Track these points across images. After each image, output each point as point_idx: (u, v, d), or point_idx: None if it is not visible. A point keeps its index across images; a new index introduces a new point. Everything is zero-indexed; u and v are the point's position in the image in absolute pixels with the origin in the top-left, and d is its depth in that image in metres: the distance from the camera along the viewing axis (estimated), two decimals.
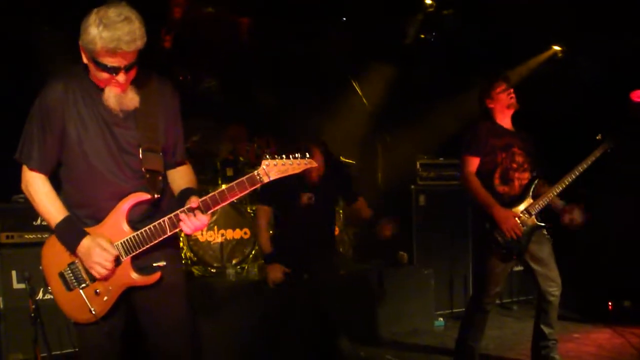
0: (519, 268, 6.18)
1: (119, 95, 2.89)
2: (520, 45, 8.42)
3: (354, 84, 8.51)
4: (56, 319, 5.12)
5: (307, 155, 3.04)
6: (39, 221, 5.31)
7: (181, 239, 6.43)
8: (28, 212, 5.23)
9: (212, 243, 6.73)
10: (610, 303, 7.50)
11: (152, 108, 3.06)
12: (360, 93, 8.43)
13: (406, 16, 8.48)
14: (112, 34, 2.69)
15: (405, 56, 8.77)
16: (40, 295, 5.14)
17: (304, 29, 8.04)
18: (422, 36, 8.72)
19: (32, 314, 4.95)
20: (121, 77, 2.83)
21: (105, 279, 2.95)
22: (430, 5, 8.32)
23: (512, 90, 5.20)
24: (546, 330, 5.24)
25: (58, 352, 5.10)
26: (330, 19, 8.25)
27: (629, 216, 7.74)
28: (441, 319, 7.14)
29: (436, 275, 7.17)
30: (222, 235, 6.79)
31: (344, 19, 8.27)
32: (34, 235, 5.26)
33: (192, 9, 7.76)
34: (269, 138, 8.10)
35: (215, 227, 6.74)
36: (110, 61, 2.77)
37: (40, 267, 3.05)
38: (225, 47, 8.11)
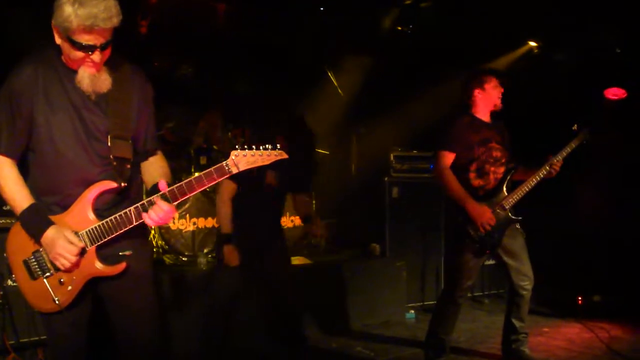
0: (491, 262, 6.19)
1: (92, 76, 2.83)
2: (497, 40, 8.44)
3: (330, 74, 8.48)
4: (25, 305, 5.11)
5: (278, 147, 2.95)
6: (7, 206, 5.20)
7: (153, 227, 6.39)
8: None
9: (183, 231, 6.69)
10: (579, 297, 7.56)
11: (124, 95, 3.00)
12: (335, 83, 8.41)
13: (383, 8, 8.46)
14: (88, 11, 2.63)
15: (381, 47, 8.75)
16: (8, 282, 5.06)
17: (281, 17, 7.98)
18: (399, 28, 8.71)
19: (0, 301, 4.91)
20: (96, 56, 2.77)
21: (69, 269, 2.88)
22: None
23: (502, 90, 5.20)
24: (517, 323, 5.26)
25: (26, 340, 5.05)
26: (307, 8, 8.19)
27: (599, 210, 7.82)
28: (412, 311, 7.17)
29: (408, 267, 7.19)
30: (194, 223, 6.75)
31: (322, 8, 8.22)
32: (2, 221, 5.13)
33: None
34: (244, 128, 8.06)
35: (187, 215, 6.70)
36: (86, 39, 2.70)
37: (5, 255, 2.99)
38: (201, 33, 8.03)
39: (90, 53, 2.75)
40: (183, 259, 6.63)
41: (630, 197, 7.66)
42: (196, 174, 2.93)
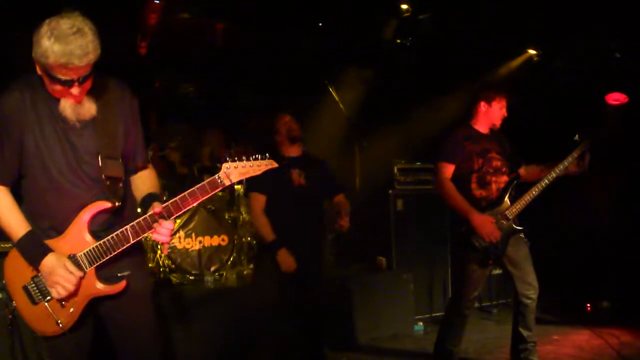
0: (498, 271, 6.20)
1: (74, 106, 2.83)
2: (497, 50, 8.45)
3: (331, 89, 8.48)
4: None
5: (267, 156, 3.06)
6: None
7: (159, 246, 6.40)
8: None
9: (189, 250, 6.68)
10: (588, 304, 7.55)
11: (110, 114, 2.99)
12: (337, 98, 8.40)
13: (382, 21, 8.48)
14: (63, 48, 2.62)
15: (381, 61, 8.77)
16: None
17: (280, 35, 8.01)
18: (399, 41, 8.73)
19: (9, 324, 4.92)
20: (75, 90, 2.76)
21: (62, 297, 2.87)
22: (407, 10, 8.32)
23: (505, 114, 5.22)
24: (525, 333, 5.25)
25: None
26: (306, 25, 8.22)
27: (606, 216, 7.80)
28: (421, 323, 7.15)
29: (415, 279, 7.17)
30: (200, 242, 6.74)
31: (320, 24, 8.25)
32: (9, 245, 5.11)
33: (167, 15, 7.71)
34: (246, 145, 8.08)
35: (193, 234, 6.70)
36: (63, 74, 2.69)
37: (3, 282, 2.97)
38: (201, 52, 8.07)
39: (68, 87, 2.74)
40: (190, 277, 6.62)
41: (638, 202, 7.64)
42: (190, 190, 2.95)
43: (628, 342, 6.20)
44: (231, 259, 6.85)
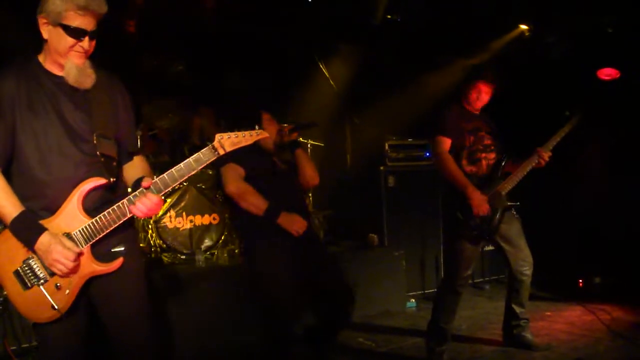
0: (491, 248, 6.19)
1: (79, 68, 2.91)
2: (488, 25, 8.40)
3: (321, 65, 8.44)
4: None
5: (257, 127, 3.15)
6: None
7: (150, 226, 6.38)
8: None
9: (180, 229, 6.64)
10: (580, 280, 7.57)
11: (105, 97, 3.07)
12: (327, 75, 8.36)
13: None
14: None
15: (372, 37, 8.72)
16: None
17: (270, 10, 7.93)
18: (389, 17, 8.67)
19: (0, 307, 4.90)
20: (85, 43, 2.88)
21: (66, 274, 2.86)
22: None
23: (491, 95, 5.21)
24: (517, 309, 5.28)
25: (27, 345, 5.04)
26: (296, 0, 8.15)
27: (598, 192, 7.81)
28: (413, 300, 7.18)
29: (407, 256, 7.19)
30: (191, 221, 6.71)
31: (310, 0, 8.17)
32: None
33: None
34: (236, 122, 8.01)
35: (184, 213, 6.66)
36: (78, 22, 2.81)
37: None
38: (190, 30, 7.99)
39: (80, 39, 2.85)
40: (181, 257, 6.60)
41: (630, 179, 7.64)
42: (185, 160, 2.95)
43: (619, 318, 6.23)
44: (222, 237, 6.82)
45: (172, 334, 5.37)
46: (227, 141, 2.99)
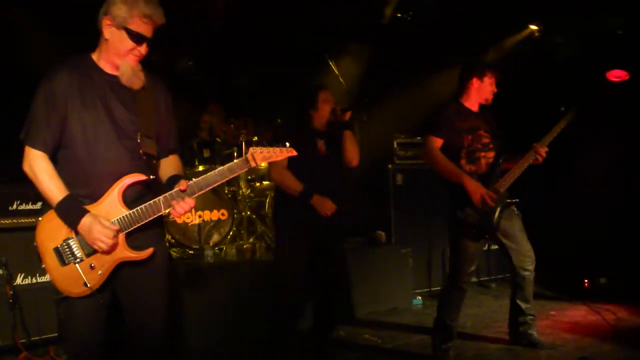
0: (496, 247, 6.21)
1: (133, 69, 3.19)
2: (498, 25, 8.42)
3: (331, 63, 8.46)
4: (34, 304, 5.16)
5: (287, 145, 3.40)
6: (14, 206, 5.20)
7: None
8: (4, 197, 5.17)
9: (189, 225, 6.71)
10: (586, 280, 7.58)
11: (150, 98, 3.32)
12: (337, 72, 8.38)
13: None
14: (149, 3, 3.10)
15: (382, 35, 8.74)
16: (18, 280, 5.11)
17: (280, 7, 7.96)
18: (399, 15, 8.69)
19: (10, 300, 4.97)
20: (143, 48, 3.18)
21: (104, 252, 3.07)
22: None
23: (495, 90, 5.22)
24: (523, 305, 5.30)
25: (37, 338, 5.11)
26: None
27: (604, 192, 7.82)
28: (419, 297, 7.21)
29: (414, 254, 7.22)
30: (200, 216, 6.77)
31: None
32: (9, 221, 5.12)
33: None
34: (246, 119, 8.06)
35: (193, 209, 6.69)
36: (142, 28, 3.11)
37: (35, 244, 3.14)
38: (199, 25, 8.02)
39: (140, 44, 3.15)
40: (190, 252, 6.66)
41: (638, 179, 7.65)
42: (218, 168, 3.25)
43: (624, 318, 6.24)
44: (231, 233, 6.88)
45: (180, 327, 5.41)
46: (260, 155, 3.28)
